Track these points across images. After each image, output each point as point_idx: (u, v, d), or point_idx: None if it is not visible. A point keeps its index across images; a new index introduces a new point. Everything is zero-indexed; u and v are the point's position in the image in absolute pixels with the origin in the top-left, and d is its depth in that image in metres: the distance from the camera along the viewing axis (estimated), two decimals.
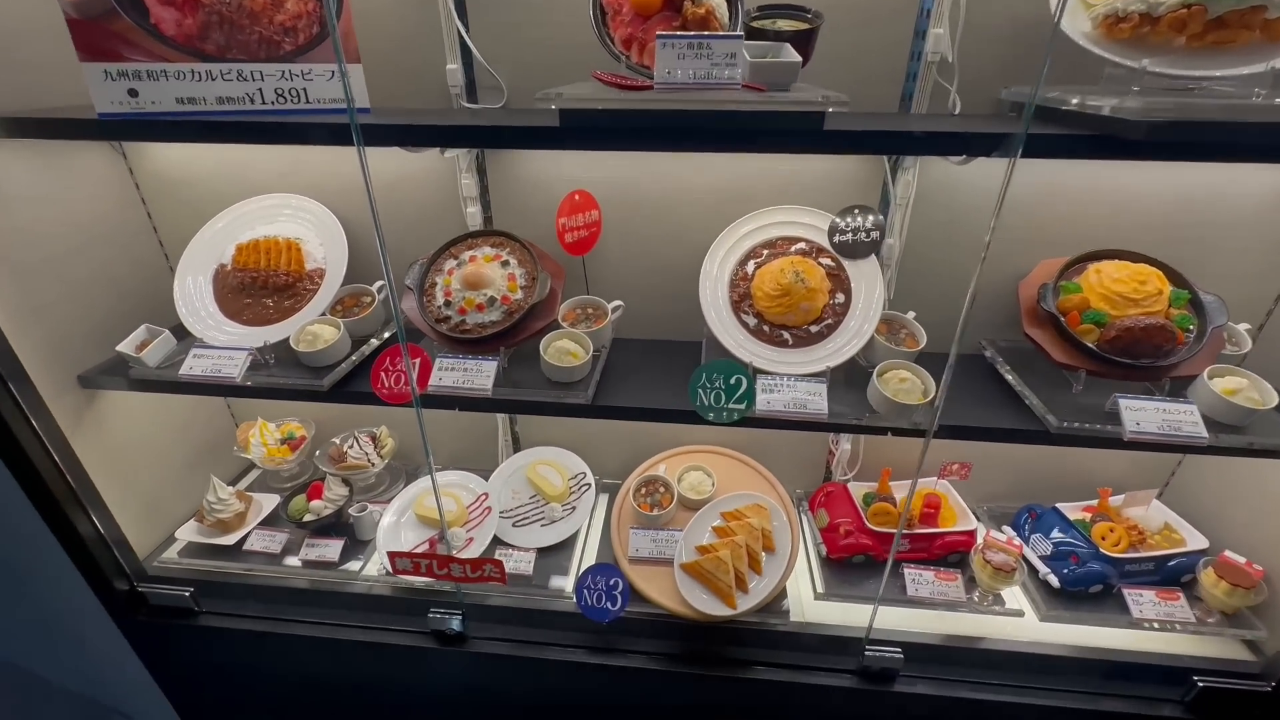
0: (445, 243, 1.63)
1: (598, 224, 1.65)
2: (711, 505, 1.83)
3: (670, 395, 1.52)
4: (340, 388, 1.56)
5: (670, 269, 1.76)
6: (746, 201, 1.63)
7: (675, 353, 1.73)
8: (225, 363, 1.52)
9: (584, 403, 1.46)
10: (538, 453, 2.10)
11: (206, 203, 1.76)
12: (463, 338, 1.51)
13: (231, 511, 1.87)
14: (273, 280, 1.65)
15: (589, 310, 1.66)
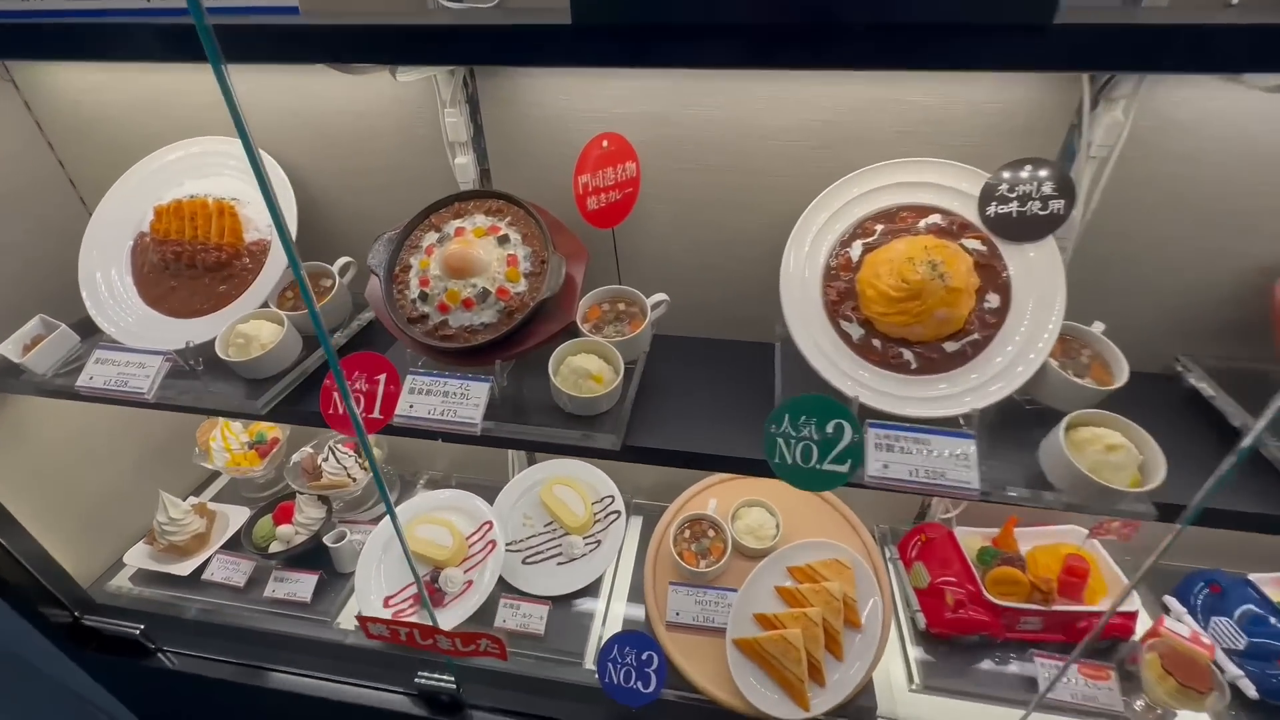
0: (423, 209, 1.17)
1: (634, 184, 1.16)
2: (775, 557, 1.40)
3: (733, 431, 1.07)
4: (288, 405, 1.16)
5: (735, 249, 1.27)
6: (852, 151, 1.12)
7: (738, 360, 1.27)
8: (134, 372, 1.14)
9: (611, 447, 1.03)
10: (556, 467, 1.70)
11: (132, 148, 1.34)
12: (444, 346, 1.08)
13: (188, 533, 1.55)
14: (201, 256, 1.24)
15: (620, 307, 1.20)
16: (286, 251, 0.72)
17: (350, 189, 1.35)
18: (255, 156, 0.65)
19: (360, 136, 1.28)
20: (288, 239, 0.71)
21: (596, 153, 1.09)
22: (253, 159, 0.64)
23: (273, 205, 0.66)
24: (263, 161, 0.65)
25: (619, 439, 1.03)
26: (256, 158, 0.65)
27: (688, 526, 1.46)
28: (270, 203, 0.66)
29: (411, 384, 1.08)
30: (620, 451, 1.03)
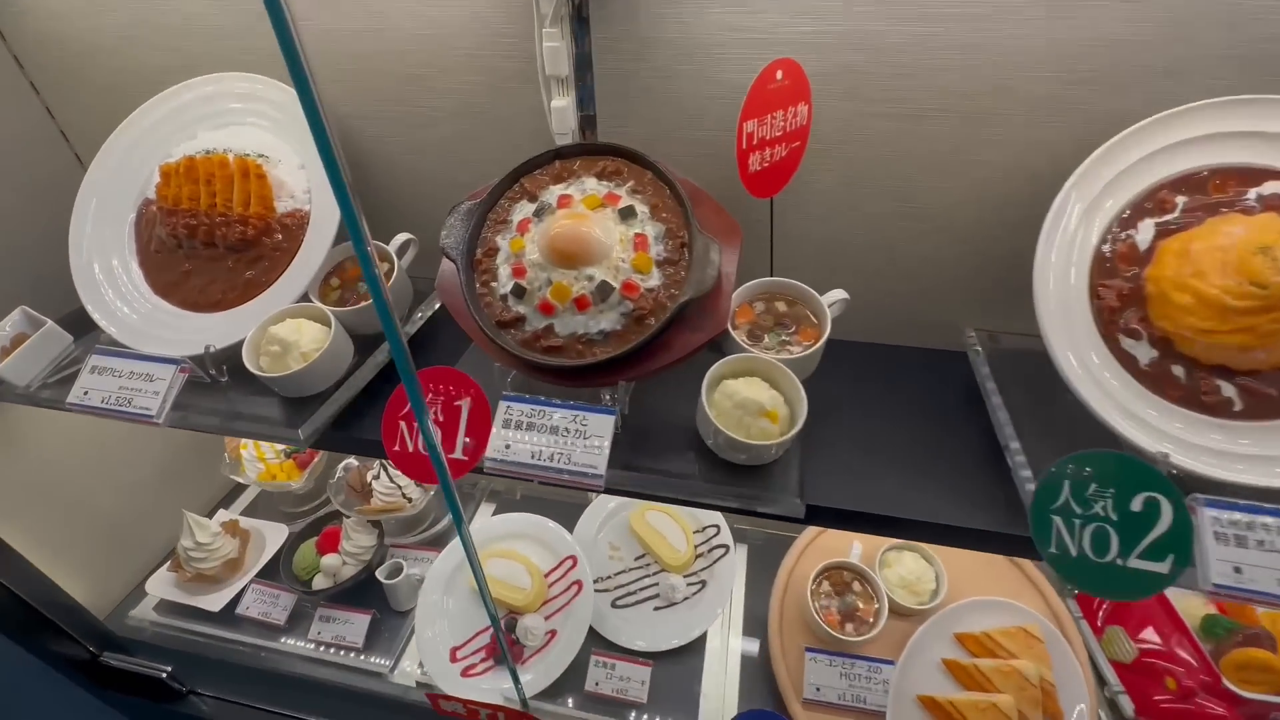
0: (511, 170, 0.86)
1: (803, 135, 0.84)
2: (939, 620, 1.11)
3: (941, 482, 0.78)
4: (337, 431, 0.89)
5: (925, 227, 0.94)
6: (1138, 88, 0.77)
7: (928, 376, 0.96)
8: (140, 385, 0.87)
9: (790, 513, 0.73)
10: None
11: (134, 89, 1.05)
12: (550, 363, 0.78)
13: (219, 559, 1.31)
14: (222, 231, 0.95)
15: (779, 307, 0.88)
16: (352, 231, 0.43)
17: (409, 142, 1.04)
18: (311, 95, 0.36)
19: (422, 70, 0.96)
20: (353, 210, 0.42)
21: (770, 87, 0.76)
22: (308, 101, 0.36)
23: (334, 166, 0.37)
24: (321, 107, 0.37)
25: (801, 500, 0.73)
26: (313, 97, 0.36)
27: (826, 576, 1.17)
28: (331, 163, 0.37)
29: (505, 413, 0.79)
30: (801, 516, 0.73)
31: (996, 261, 0.95)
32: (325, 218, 0.95)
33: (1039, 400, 0.85)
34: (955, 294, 0.99)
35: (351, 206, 0.42)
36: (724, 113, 0.90)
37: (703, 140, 0.93)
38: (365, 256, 0.44)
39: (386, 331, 0.50)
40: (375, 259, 0.45)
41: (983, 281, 0.97)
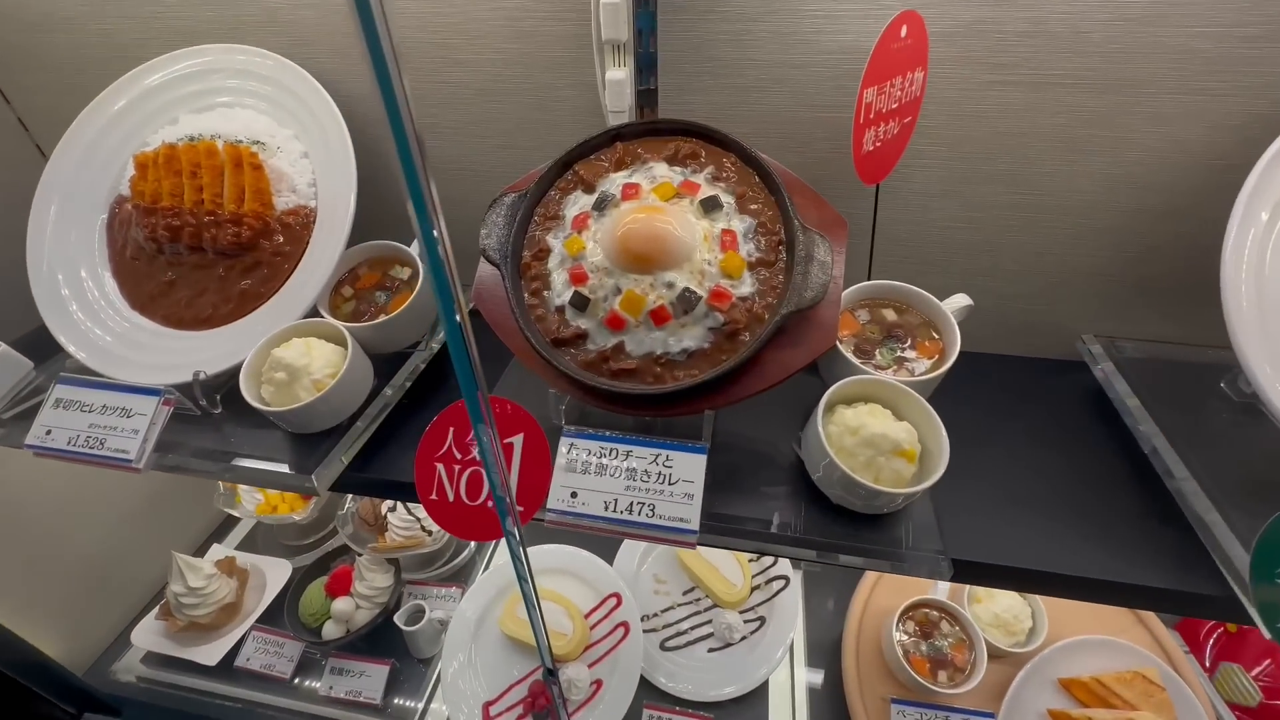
0: (563, 155, 0.72)
1: (915, 109, 0.69)
2: (1040, 663, 0.98)
3: (1126, 536, 0.64)
4: (356, 473, 0.74)
5: (1047, 219, 0.81)
6: None
7: (1054, 392, 0.83)
8: (115, 423, 0.71)
9: (937, 575, 0.59)
10: None
11: (102, 67, 0.89)
12: (620, 390, 0.64)
13: (214, 604, 1.15)
14: (211, 233, 0.80)
15: (888, 316, 0.74)
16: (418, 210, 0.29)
17: (431, 123, 0.89)
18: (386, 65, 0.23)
19: (449, 35, 0.81)
20: (424, 193, 0.28)
21: (894, 46, 0.61)
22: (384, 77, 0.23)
23: (414, 176, 0.25)
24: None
25: (946, 556, 0.59)
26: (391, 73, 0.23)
27: (910, 616, 1.03)
28: (412, 174, 0.24)
29: (569, 452, 0.64)
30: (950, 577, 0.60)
31: (1126, 258, 0.81)
32: (335, 214, 0.80)
33: (1194, 418, 0.72)
34: (1070, 295, 0.86)
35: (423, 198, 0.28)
36: (805, 84, 0.76)
37: (780, 119, 0.79)
38: (440, 271, 0.30)
39: (458, 367, 0.35)
40: (454, 277, 0.30)
41: (1104, 281, 0.84)
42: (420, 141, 0.27)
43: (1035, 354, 0.90)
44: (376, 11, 0.23)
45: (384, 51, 0.24)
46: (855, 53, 0.72)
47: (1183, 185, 0.74)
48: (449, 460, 0.63)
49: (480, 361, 0.93)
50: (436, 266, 0.30)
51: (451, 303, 0.32)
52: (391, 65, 0.24)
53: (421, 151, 0.27)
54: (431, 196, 0.29)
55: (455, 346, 0.34)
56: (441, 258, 0.30)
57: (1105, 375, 0.79)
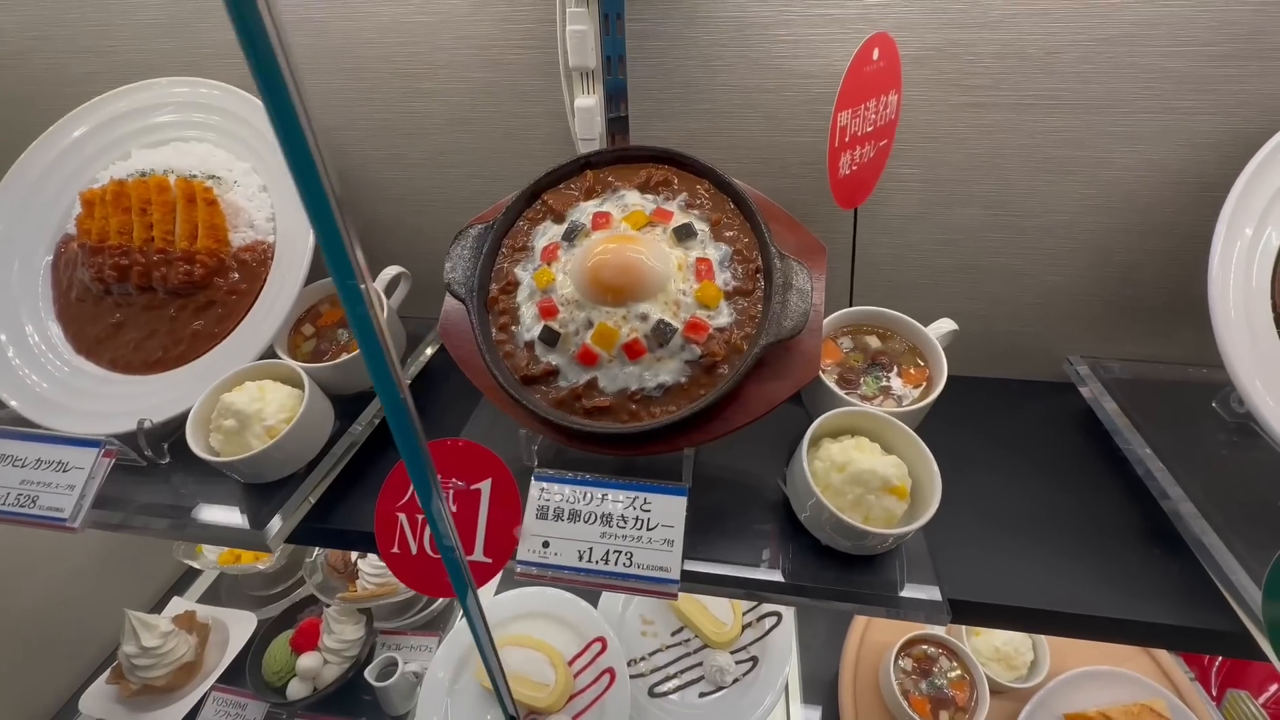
0: (531, 184, 0.69)
1: (890, 131, 0.68)
2: (1045, 698, 0.94)
3: (1131, 567, 0.61)
4: (314, 523, 0.69)
5: (1026, 241, 0.79)
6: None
7: (1043, 415, 0.81)
8: (50, 478, 0.66)
9: (935, 620, 0.55)
10: None
11: (52, 100, 0.85)
12: (593, 430, 0.60)
13: (170, 664, 1.08)
14: (162, 272, 0.75)
15: (871, 343, 0.71)
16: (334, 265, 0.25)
17: (396, 155, 0.86)
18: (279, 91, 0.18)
19: (412, 67, 0.79)
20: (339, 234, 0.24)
21: (867, 69, 0.60)
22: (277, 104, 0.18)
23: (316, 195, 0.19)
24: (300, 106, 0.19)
25: (944, 599, 0.55)
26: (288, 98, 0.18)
27: (907, 653, 0.99)
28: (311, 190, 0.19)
29: (540, 498, 0.60)
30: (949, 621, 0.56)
31: (1108, 277, 0.80)
32: (294, 249, 0.76)
33: (1187, 439, 0.70)
34: (1054, 316, 0.84)
35: (337, 230, 0.24)
36: (778, 109, 0.74)
37: (754, 144, 0.77)
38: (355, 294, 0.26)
39: (391, 418, 0.32)
40: (376, 301, 0.27)
41: (1088, 301, 0.82)
42: (331, 174, 0.23)
43: (1021, 376, 0.88)
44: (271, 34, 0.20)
45: (279, 69, 0.20)
46: (827, 76, 0.71)
47: (1161, 203, 0.73)
48: (411, 510, 0.59)
49: (448, 400, 0.89)
50: (361, 319, 0.27)
51: (382, 359, 0.28)
52: (291, 89, 0.21)
53: (334, 183, 0.23)
54: (353, 248, 0.25)
55: (389, 402, 0.30)
56: (368, 307, 0.26)
57: (1094, 396, 0.77)
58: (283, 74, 0.20)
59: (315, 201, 0.23)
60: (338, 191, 0.24)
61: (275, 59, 0.20)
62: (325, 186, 0.23)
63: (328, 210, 0.23)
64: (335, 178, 0.23)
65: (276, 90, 0.20)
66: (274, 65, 0.20)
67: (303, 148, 0.22)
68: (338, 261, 0.25)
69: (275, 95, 0.20)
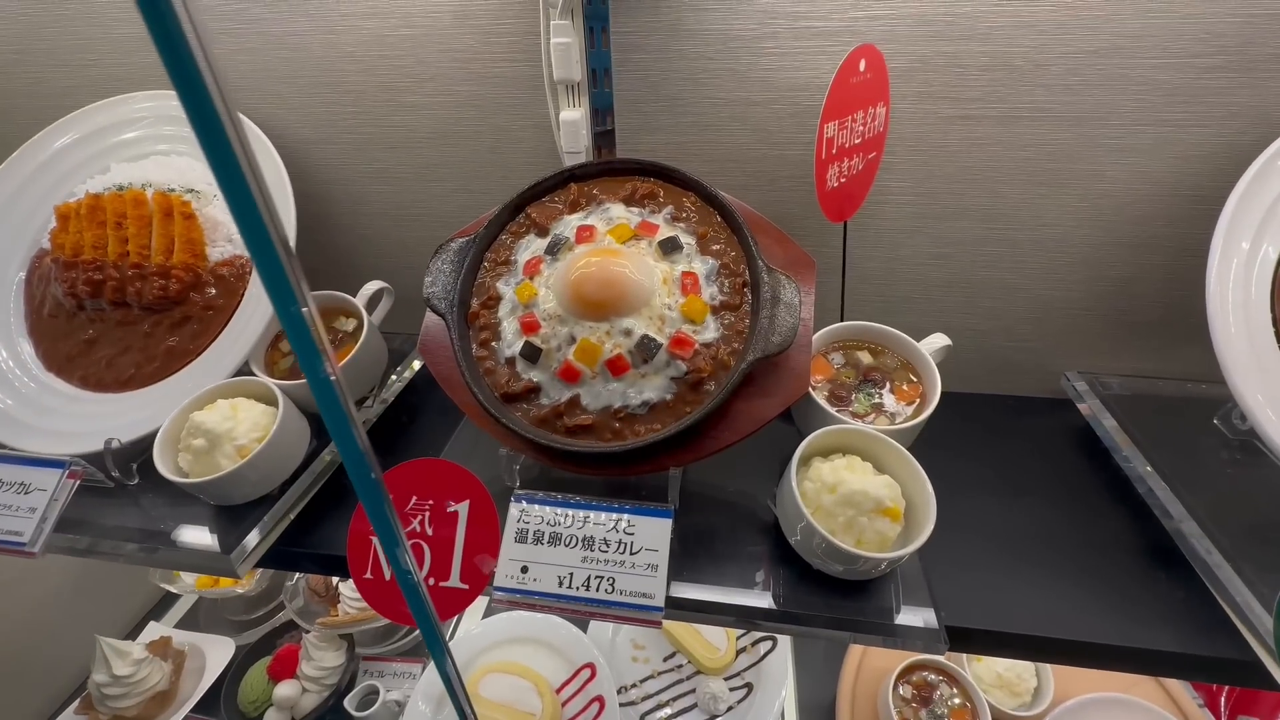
0: (514, 197, 0.68)
1: (879, 144, 0.67)
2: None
3: (1134, 592, 0.59)
4: (288, 546, 0.66)
5: (1015, 255, 0.78)
6: None
7: (1036, 431, 0.78)
8: (10, 500, 0.63)
9: (931, 650, 0.53)
10: None
11: (29, 115, 0.84)
12: (575, 449, 0.58)
13: (142, 693, 1.04)
14: (136, 287, 0.74)
15: (863, 359, 0.69)
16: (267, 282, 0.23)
17: (379, 169, 0.85)
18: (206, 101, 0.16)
19: (395, 80, 0.78)
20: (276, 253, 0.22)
21: (853, 81, 0.59)
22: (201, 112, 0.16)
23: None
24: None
25: (940, 627, 0.53)
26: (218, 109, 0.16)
27: (906, 680, 0.95)
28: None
29: (520, 520, 0.58)
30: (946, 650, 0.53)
31: (1102, 291, 0.79)
32: None
33: (1188, 456, 0.68)
34: (1049, 331, 0.83)
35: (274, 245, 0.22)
36: (766, 122, 0.74)
37: (742, 158, 0.76)
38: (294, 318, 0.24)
39: (335, 436, 0.29)
40: (316, 324, 0.25)
41: (1083, 315, 0.81)
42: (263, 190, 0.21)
43: (1017, 392, 0.86)
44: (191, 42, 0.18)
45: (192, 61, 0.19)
46: (815, 89, 0.70)
47: (1155, 216, 0.72)
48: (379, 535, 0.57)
49: (431, 417, 0.86)
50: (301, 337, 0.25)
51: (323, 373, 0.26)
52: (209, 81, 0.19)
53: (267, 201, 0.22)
54: (293, 265, 0.23)
55: (341, 437, 0.28)
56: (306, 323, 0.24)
57: (1092, 413, 0.76)
58: (198, 71, 0.18)
59: (249, 222, 0.21)
60: (273, 206, 0.22)
61: (193, 64, 0.18)
62: (260, 208, 0.22)
63: (263, 231, 0.22)
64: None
65: (191, 81, 0.18)
66: (191, 67, 0.18)
67: (223, 142, 0.20)
68: (275, 281, 0.23)
69: (189, 86, 0.19)
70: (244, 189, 0.21)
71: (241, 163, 0.20)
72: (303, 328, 0.24)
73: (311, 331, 0.25)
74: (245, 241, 0.22)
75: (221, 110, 0.19)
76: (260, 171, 0.21)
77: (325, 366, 0.25)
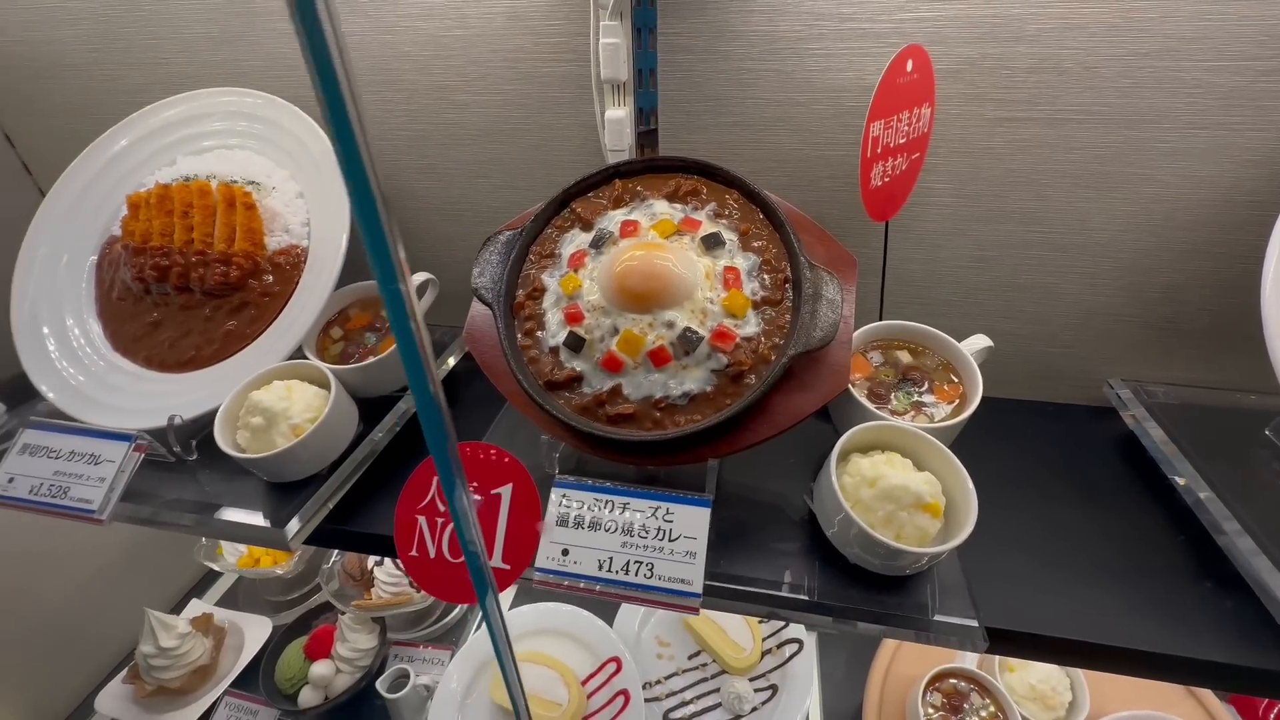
0: (561, 192, 0.70)
1: (923, 145, 0.68)
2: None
3: (1182, 603, 0.58)
4: (335, 523, 0.69)
5: (1060, 258, 0.77)
6: None
7: (1074, 436, 0.77)
8: (81, 470, 0.67)
9: (969, 646, 0.52)
10: None
11: (105, 111, 0.89)
12: (616, 436, 0.59)
13: (185, 666, 1.08)
14: (199, 273, 0.77)
15: (902, 358, 0.70)
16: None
17: (428, 165, 0.88)
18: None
19: (449, 77, 0.80)
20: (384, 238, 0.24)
21: (900, 80, 0.60)
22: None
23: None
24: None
25: (979, 624, 0.52)
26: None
27: (935, 687, 0.94)
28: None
29: (560, 504, 0.59)
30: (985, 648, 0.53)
31: (1149, 298, 0.77)
32: (327, 254, 0.78)
33: (1239, 468, 0.67)
34: (1091, 338, 0.82)
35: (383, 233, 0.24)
36: (809, 122, 0.74)
37: (783, 158, 0.77)
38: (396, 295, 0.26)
39: (422, 415, 0.31)
40: (412, 302, 0.27)
41: (1127, 322, 0.80)
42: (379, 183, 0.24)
43: (1056, 399, 0.85)
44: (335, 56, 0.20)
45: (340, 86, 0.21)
46: (859, 90, 0.71)
47: (1206, 222, 0.71)
48: (431, 513, 0.59)
49: (469, 408, 0.89)
50: (398, 308, 0.27)
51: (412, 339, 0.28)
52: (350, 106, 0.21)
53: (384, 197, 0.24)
54: (397, 249, 0.25)
55: (420, 394, 0.30)
56: (405, 301, 0.26)
57: (1137, 422, 0.74)
58: (342, 86, 0.21)
59: (364, 204, 0.23)
60: (385, 196, 0.24)
61: (335, 71, 0.21)
62: (374, 190, 0.24)
63: (375, 213, 0.24)
64: (382, 183, 0.24)
65: (336, 102, 0.21)
66: (334, 77, 0.20)
67: (355, 154, 0.22)
68: (382, 263, 0.25)
69: (335, 107, 0.21)
70: (363, 176, 0.23)
71: (363, 153, 0.22)
72: (399, 302, 0.26)
73: (406, 306, 0.27)
74: (359, 220, 0.24)
75: (351, 110, 0.21)
76: (373, 158, 0.23)
77: (413, 328, 0.27)
